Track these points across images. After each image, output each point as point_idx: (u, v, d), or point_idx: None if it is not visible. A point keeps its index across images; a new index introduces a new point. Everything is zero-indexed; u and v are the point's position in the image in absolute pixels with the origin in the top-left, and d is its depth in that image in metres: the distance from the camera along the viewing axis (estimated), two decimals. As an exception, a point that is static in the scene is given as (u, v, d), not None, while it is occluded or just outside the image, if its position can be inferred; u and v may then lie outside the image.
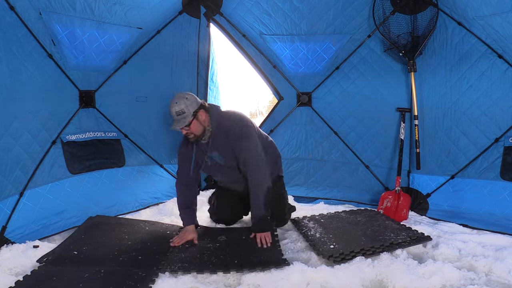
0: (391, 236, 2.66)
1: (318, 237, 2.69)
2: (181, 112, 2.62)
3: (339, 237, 2.68)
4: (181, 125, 2.64)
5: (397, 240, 2.59)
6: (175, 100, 2.66)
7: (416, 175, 3.56)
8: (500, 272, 2.24)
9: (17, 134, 2.69)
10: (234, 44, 3.86)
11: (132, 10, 3.15)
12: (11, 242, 2.58)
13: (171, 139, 3.80)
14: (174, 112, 2.64)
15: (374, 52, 3.65)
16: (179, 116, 2.63)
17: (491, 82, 3.12)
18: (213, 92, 4.07)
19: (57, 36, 2.88)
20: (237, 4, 3.69)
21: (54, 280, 2.07)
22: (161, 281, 2.15)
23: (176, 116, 2.64)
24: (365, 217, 3.07)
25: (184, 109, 2.62)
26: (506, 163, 3.05)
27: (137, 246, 2.57)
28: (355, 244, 2.52)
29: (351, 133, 3.83)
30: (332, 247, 2.50)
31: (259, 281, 2.17)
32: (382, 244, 2.52)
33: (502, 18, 2.82)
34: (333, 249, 2.48)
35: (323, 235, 2.71)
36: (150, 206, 3.56)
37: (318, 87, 3.87)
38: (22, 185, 2.74)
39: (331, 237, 2.68)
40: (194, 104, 2.65)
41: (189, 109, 2.62)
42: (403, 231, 2.78)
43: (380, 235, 2.69)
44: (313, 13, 3.61)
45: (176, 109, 2.63)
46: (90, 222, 2.93)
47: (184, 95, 2.68)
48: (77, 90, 3.15)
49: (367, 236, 2.67)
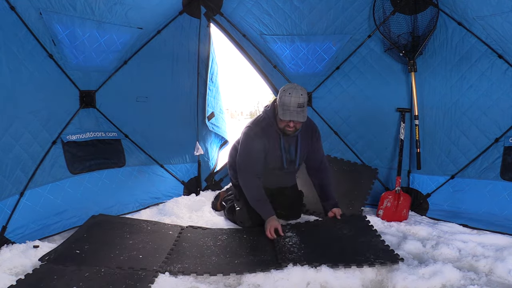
0: (369, 257, 2.36)
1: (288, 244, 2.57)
2: (303, 104, 2.61)
3: (310, 249, 2.51)
4: (302, 118, 2.65)
5: (371, 261, 2.32)
6: (299, 91, 2.63)
7: (416, 175, 3.56)
8: (500, 272, 2.24)
9: (18, 134, 2.69)
10: (234, 44, 3.87)
11: (132, 10, 3.15)
12: (11, 242, 2.58)
13: (172, 139, 3.80)
14: (296, 104, 2.60)
15: (374, 52, 3.65)
16: (300, 108, 2.61)
17: (491, 82, 3.13)
18: (212, 92, 4.07)
19: (57, 36, 2.88)
20: (238, 4, 3.69)
21: (55, 279, 2.08)
22: (161, 280, 2.15)
23: (297, 108, 2.61)
24: (354, 230, 2.77)
25: (305, 102, 2.63)
26: (506, 163, 3.05)
27: (138, 246, 2.57)
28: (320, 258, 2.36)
29: (351, 133, 3.83)
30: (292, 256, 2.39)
31: (259, 281, 2.17)
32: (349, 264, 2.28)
33: (502, 18, 2.83)
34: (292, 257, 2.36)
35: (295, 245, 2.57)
36: (150, 206, 3.56)
37: (318, 87, 3.87)
38: (22, 185, 2.74)
39: (303, 246, 2.54)
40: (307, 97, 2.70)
41: (306, 102, 2.67)
42: (385, 253, 2.43)
43: (358, 254, 2.40)
44: (314, 13, 3.61)
45: (301, 100, 2.60)
46: (93, 221, 2.93)
47: (301, 87, 2.68)
48: (78, 90, 3.15)
49: (345, 253, 2.44)
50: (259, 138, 2.82)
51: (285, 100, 2.64)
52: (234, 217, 3.12)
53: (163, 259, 2.40)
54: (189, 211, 3.42)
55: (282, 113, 2.68)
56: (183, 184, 3.90)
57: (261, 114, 2.98)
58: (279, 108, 2.72)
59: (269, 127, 2.86)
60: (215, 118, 4.12)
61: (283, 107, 2.67)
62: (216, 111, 4.17)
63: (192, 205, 3.53)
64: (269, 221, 2.72)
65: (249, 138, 2.87)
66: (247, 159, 2.86)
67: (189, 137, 3.93)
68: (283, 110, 2.67)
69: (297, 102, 2.60)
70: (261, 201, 2.81)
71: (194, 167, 4.01)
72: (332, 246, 2.58)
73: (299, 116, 2.64)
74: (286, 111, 2.65)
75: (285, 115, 2.66)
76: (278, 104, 2.73)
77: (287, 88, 2.70)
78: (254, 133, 2.85)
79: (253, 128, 2.88)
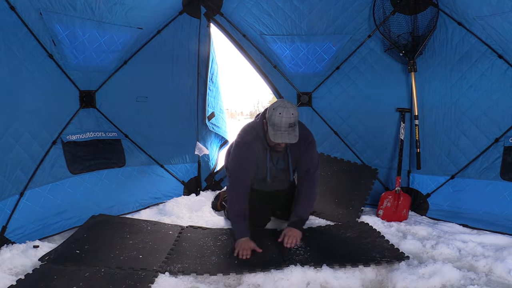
0: (375, 256, 2.41)
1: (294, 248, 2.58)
2: (294, 123, 2.43)
3: (315, 251, 2.53)
4: (293, 139, 2.46)
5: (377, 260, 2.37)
6: (290, 110, 2.43)
7: (416, 175, 3.56)
8: (500, 272, 2.24)
9: (18, 134, 2.69)
10: (234, 44, 3.86)
11: (132, 10, 3.15)
12: (11, 242, 2.58)
13: (172, 139, 3.80)
14: (287, 124, 2.41)
15: (374, 52, 3.65)
16: (291, 128, 2.43)
17: (491, 82, 3.12)
18: (212, 92, 4.07)
19: (57, 36, 2.88)
20: (238, 4, 3.69)
21: (55, 279, 2.08)
22: (161, 281, 2.15)
23: (288, 128, 2.43)
24: (356, 233, 2.85)
25: (297, 120, 2.44)
26: (506, 163, 3.05)
27: (138, 246, 2.57)
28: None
29: (351, 133, 3.83)
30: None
31: (259, 281, 2.17)
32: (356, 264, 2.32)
33: (502, 18, 2.82)
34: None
35: (300, 248, 2.58)
36: (150, 206, 3.56)
37: (318, 87, 3.87)
38: (22, 185, 2.74)
39: (308, 249, 2.55)
40: (298, 114, 2.49)
41: (297, 121, 2.47)
42: (391, 252, 2.49)
43: (363, 254, 2.46)
44: (314, 13, 3.61)
45: (292, 120, 2.41)
46: (93, 221, 2.94)
47: (293, 104, 2.49)
48: (78, 90, 3.15)
49: (350, 254, 2.47)
50: (249, 147, 2.69)
51: (276, 120, 2.44)
52: None
53: (163, 259, 2.40)
54: (189, 211, 3.42)
55: (273, 134, 2.48)
56: (183, 184, 3.90)
57: (252, 121, 2.83)
58: (269, 127, 2.51)
59: (258, 139, 2.70)
60: (215, 118, 4.13)
61: (273, 127, 2.48)
62: (216, 111, 4.17)
63: (192, 205, 3.53)
64: (241, 242, 2.51)
65: (239, 147, 2.74)
66: (237, 168, 2.73)
67: (189, 137, 3.94)
68: (274, 130, 2.48)
69: (288, 122, 2.42)
70: (240, 217, 2.62)
71: (194, 167, 4.01)
72: (338, 248, 2.60)
73: (290, 137, 2.46)
74: (277, 131, 2.46)
75: (276, 136, 2.47)
76: (268, 123, 2.52)
77: (276, 106, 2.49)
78: (244, 141, 2.72)
79: (244, 136, 2.75)
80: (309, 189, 2.82)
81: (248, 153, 2.69)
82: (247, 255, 2.44)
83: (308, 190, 2.82)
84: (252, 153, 2.69)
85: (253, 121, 2.83)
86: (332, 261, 2.34)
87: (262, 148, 2.72)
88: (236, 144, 2.79)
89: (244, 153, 2.70)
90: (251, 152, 2.69)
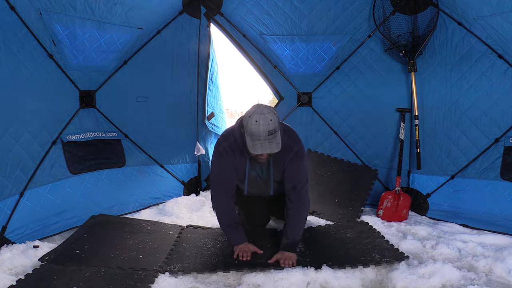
0: (375, 257, 2.40)
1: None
2: (274, 130, 2.18)
3: (315, 253, 2.52)
4: (275, 148, 2.20)
5: (377, 260, 2.36)
6: (268, 116, 2.16)
7: (416, 175, 3.56)
8: (500, 272, 2.24)
9: (18, 134, 2.69)
10: (234, 44, 3.86)
11: (132, 10, 3.15)
12: (11, 242, 2.58)
13: (172, 139, 3.80)
14: (266, 132, 2.16)
15: (374, 52, 3.65)
16: (271, 135, 2.18)
17: (491, 82, 3.13)
18: (212, 92, 4.07)
19: (57, 36, 2.88)
20: (238, 4, 3.69)
21: (55, 279, 2.08)
22: (161, 281, 2.15)
23: (268, 136, 2.18)
24: (355, 233, 2.83)
25: (276, 127, 2.18)
26: (506, 163, 3.05)
27: (138, 246, 2.57)
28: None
29: (351, 133, 3.83)
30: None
31: (259, 281, 2.17)
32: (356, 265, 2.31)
33: (502, 18, 2.82)
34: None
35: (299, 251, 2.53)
36: (150, 206, 3.56)
37: (318, 87, 3.87)
38: (22, 185, 2.74)
39: (308, 253, 2.52)
40: (277, 119, 2.22)
41: (277, 126, 2.20)
42: (391, 252, 2.48)
43: (363, 255, 2.44)
44: (314, 13, 3.61)
45: (271, 127, 2.15)
46: (93, 221, 2.93)
47: (270, 108, 2.23)
48: (78, 90, 3.15)
49: (350, 255, 2.47)
50: (227, 154, 2.45)
51: (253, 129, 2.18)
52: None
53: (163, 259, 2.40)
54: (189, 211, 3.42)
55: (252, 146, 2.23)
56: (183, 184, 3.90)
57: (231, 127, 2.55)
58: (247, 138, 2.25)
59: (236, 146, 2.45)
60: (214, 118, 4.13)
61: (251, 137, 2.22)
62: (216, 111, 4.17)
63: (192, 205, 3.53)
64: (240, 246, 2.43)
65: (217, 157, 2.51)
66: (217, 180, 2.53)
67: (189, 137, 3.94)
68: (253, 141, 2.22)
69: (267, 130, 2.15)
70: (231, 227, 2.49)
71: (194, 167, 4.01)
72: (337, 249, 2.59)
73: (272, 146, 2.20)
74: (255, 142, 2.21)
75: (255, 147, 2.22)
76: (246, 132, 2.26)
77: (252, 113, 2.21)
78: (222, 148, 2.47)
79: (221, 142, 2.49)
80: (298, 211, 2.50)
81: (226, 163, 2.45)
82: (248, 256, 2.41)
83: (297, 212, 2.49)
84: (229, 161, 2.45)
85: (232, 126, 2.54)
86: (332, 262, 2.34)
87: (241, 156, 2.46)
88: (214, 152, 2.56)
89: (222, 163, 2.47)
90: (228, 160, 2.45)
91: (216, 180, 2.54)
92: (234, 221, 2.50)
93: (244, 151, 2.41)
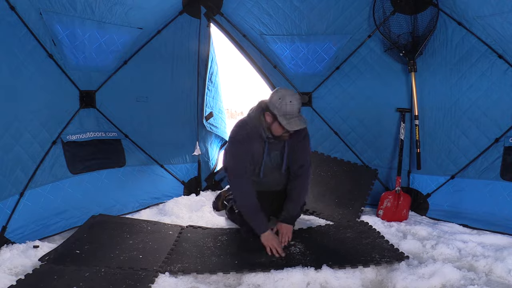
0: (375, 257, 2.42)
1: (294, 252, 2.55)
2: (300, 109, 2.53)
3: (315, 253, 2.53)
4: (305, 123, 2.53)
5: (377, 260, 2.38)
6: (296, 96, 2.54)
7: (416, 175, 3.56)
8: (500, 272, 2.24)
9: (18, 134, 2.69)
10: (234, 44, 3.86)
11: (132, 10, 3.15)
12: (11, 242, 2.58)
13: (172, 139, 3.80)
14: (298, 110, 2.50)
15: (374, 52, 3.65)
16: (299, 112, 2.52)
17: (491, 82, 3.12)
18: (211, 92, 4.07)
19: (57, 36, 2.88)
20: (238, 4, 3.69)
21: (55, 279, 2.08)
22: (161, 281, 2.15)
23: (299, 114, 2.51)
24: (355, 233, 2.84)
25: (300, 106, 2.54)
26: (506, 163, 3.05)
27: (138, 246, 2.57)
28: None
29: (351, 133, 3.83)
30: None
31: (259, 281, 2.17)
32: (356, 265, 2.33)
33: (502, 18, 2.82)
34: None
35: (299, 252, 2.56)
36: (150, 206, 3.56)
37: (318, 87, 3.87)
38: (22, 185, 2.74)
39: (307, 253, 2.54)
40: None
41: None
42: (391, 252, 2.50)
43: (363, 255, 2.46)
44: (314, 13, 3.61)
45: (300, 105, 2.52)
46: (93, 221, 2.94)
47: (292, 91, 2.59)
48: (78, 90, 3.15)
49: (350, 255, 2.49)
50: (245, 142, 2.67)
51: (288, 109, 2.48)
52: (235, 217, 3.11)
53: (163, 259, 2.40)
54: (189, 211, 3.42)
55: (287, 123, 2.49)
56: (183, 184, 3.90)
57: (246, 117, 2.80)
58: (281, 118, 2.50)
59: (254, 133, 2.68)
60: (213, 118, 4.12)
61: (285, 117, 2.49)
62: (215, 111, 4.17)
63: (192, 205, 3.53)
64: (267, 239, 2.54)
65: (234, 144, 2.72)
66: (236, 165, 2.70)
67: (189, 137, 3.93)
68: (287, 119, 2.49)
69: (298, 108, 2.51)
70: (254, 213, 2.62)
71: (194, 167, 4.01)
72: (337, 249, 2.59)
73: (302, 122, 2.52)
74: (290, 120, 2.49)
75: (291, 124, 2.49)
76: (278, 114, 2.50)
77: (282, 95, 2.52)
78: (240, 136, 2.70)
79: (238, 132, 2.72)
80: (303, 185, 2.82)
81: (244, 148, 2.67)
82: (281, 252, 2.48)
83: (302, 186, 2.81)
84: (248, 148, 2.68)
85: (246, 117, 2.78)
86: (332, 261, 2.34)
87: (259, 142, 2.70)
88: (231, 141, 2.77)
89: (240, 149, 2.68)
90: (247, 147, 2.68)
91: (235, 167, 2.70)
92: (254, 208, 2.62)
93: (263, 134, 2.66)
